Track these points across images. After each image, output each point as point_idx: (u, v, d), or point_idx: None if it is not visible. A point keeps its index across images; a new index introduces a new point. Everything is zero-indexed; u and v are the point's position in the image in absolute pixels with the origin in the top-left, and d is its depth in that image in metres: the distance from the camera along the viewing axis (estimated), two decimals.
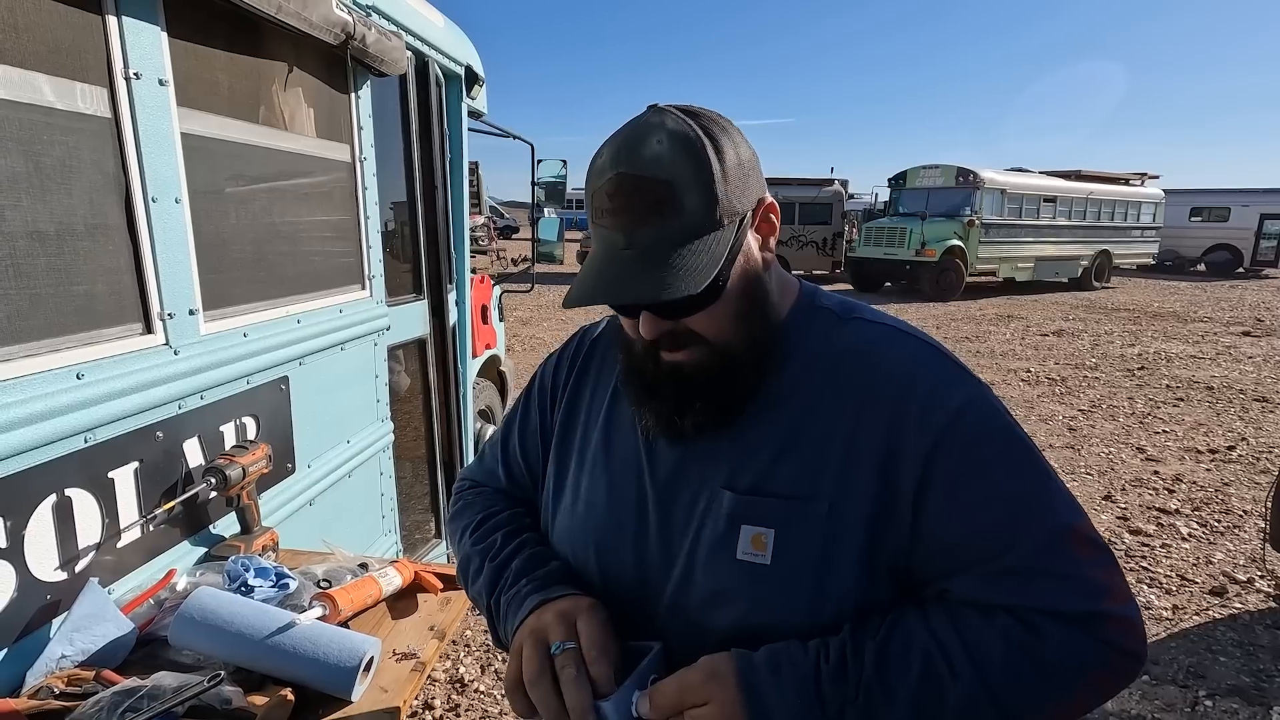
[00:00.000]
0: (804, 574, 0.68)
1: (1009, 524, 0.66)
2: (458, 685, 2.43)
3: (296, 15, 1.51)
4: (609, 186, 0.66)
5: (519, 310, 10.41)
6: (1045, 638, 0.64)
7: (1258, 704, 2.35)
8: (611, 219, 0.66)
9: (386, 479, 2.22)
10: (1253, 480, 4.33)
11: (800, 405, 0.72)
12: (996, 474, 0.67)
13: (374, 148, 2.05)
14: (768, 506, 0.70)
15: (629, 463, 0.79)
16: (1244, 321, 10.61)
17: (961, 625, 0.65)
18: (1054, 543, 0.65)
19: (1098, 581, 0.65)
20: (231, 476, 1.36)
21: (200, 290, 1.40)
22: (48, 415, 1.06)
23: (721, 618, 0.70)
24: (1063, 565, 0.65)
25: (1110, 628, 0.64)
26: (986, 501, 0.66)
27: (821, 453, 0.69)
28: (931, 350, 0.73)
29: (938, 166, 13.56)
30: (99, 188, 1.20)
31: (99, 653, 1.07)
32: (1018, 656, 0.63)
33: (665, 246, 0.65)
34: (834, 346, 0.74)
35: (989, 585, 0.66)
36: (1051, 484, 0.68)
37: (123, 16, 1.20)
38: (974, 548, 0.66)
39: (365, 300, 2.04)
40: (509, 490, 0.94)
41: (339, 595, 1.20)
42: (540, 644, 0.69)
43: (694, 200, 0.65)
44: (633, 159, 0.65)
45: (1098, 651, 0.64)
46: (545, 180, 3.97)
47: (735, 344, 0.71)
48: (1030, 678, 0.63)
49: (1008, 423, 0.70)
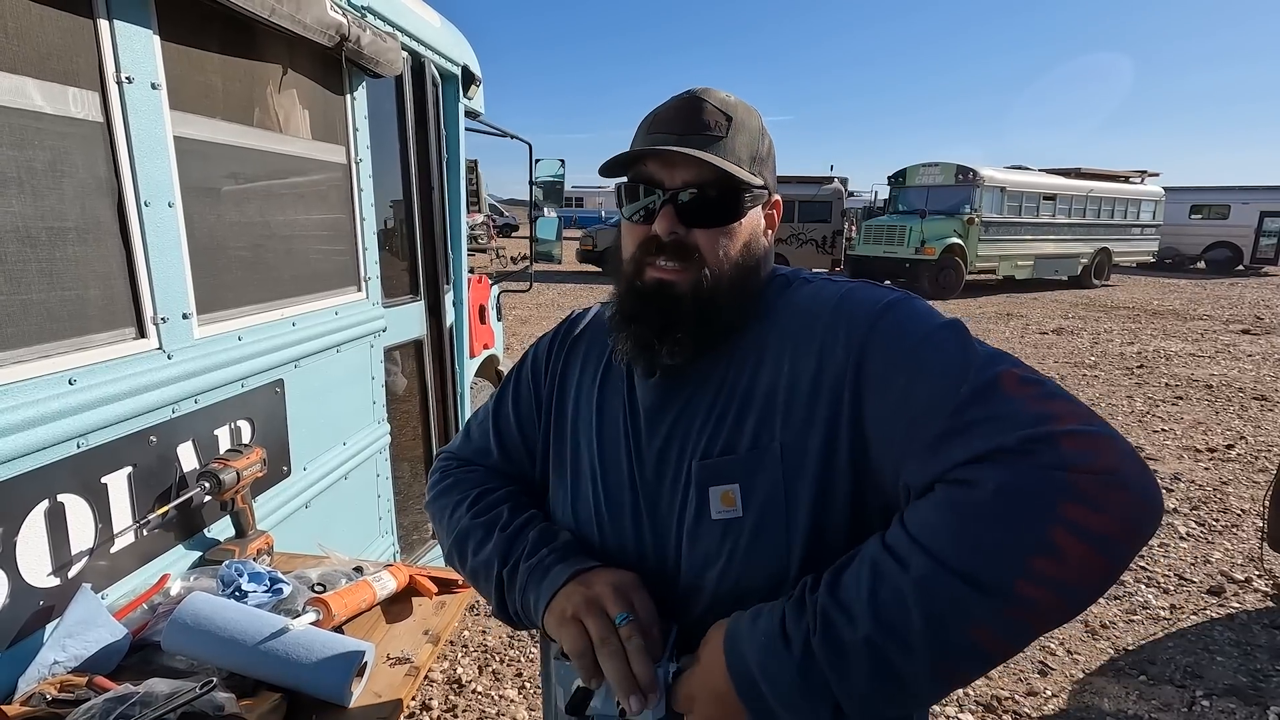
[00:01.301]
0: (774, 515, 0.71)
1: (937, 395, 0.62)
2: (455, 686, 2.44)
3: (290, 17, 1.50)
4: (678, 102, 0.76)
5: (518, 309, 10.41)
6: (981, 485, 0.56)
7: (1255, 704, 2.35)
8: (669, 124, 0.75)
9: (383, 481, 2.22)
10: (1251, 479, 4.33)
11: (754, 365, 0.76)
12: (921, 356, 0.66)
13: (370, 149, 2.05)
14: (730, 464, 0.73)
15: (617, 445, 0.82)
16: (1243, 319, 10.61)
17: (905, 518, 0.61)
18: (981, 393, 0.61)
19: (1038, 411, 0.58)
20: (226, 480, 1.35)
21: (194, 294, 1.39)
22: (40, 421, 1.06)
23: (711, 577, 0.74)
24: (994, 408, 0.60)
25: (1063, 447, 0.55)
26: (913, 383, 0.65)
27: (771, 401, 0.73)
28: (858, 282, 0.77)
29: (937, 164, 13.55)
30: (91, 192, 1.19)
31: (92, 658, 1.07)
32: (960, 516, 0.57)
33: (709, 151, 0.73)
34: (783, 308, 0.78)
35: (929, 461, 0.61)
36: (973, 347, 0.66)
37: (114, 20, 1.20)
38: (913, 432, 0.63)
39: (361, 302, 2.04)
40: (502, 467, 0.93)
41: (333, 600, 1.20)
42: (602, 614, 0.71)
43: (744, 140, 0.76)
44: (707, 93, 0.76)
45: (1051, 479, 0.55)
46: (543, 179, 3.97)
47: (724, 276, 0.75)
48: (981, 532, 0.55)
49: (927, 309, 0.72)
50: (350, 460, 1.99)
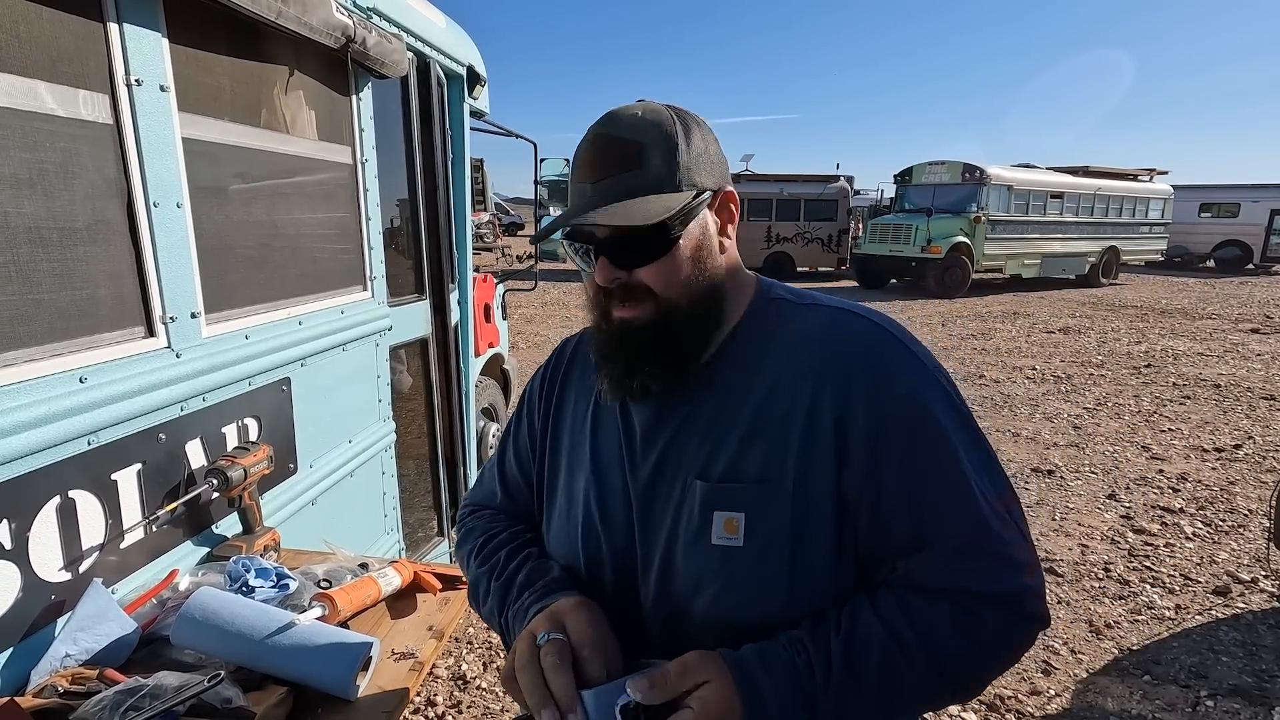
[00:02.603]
0: (776, 551, 0.72)
1: (947, 509, 0.72)
2: (460, 682, 2.45)
3: (297, 20, 1.52)
4: (587, 144, 0.76)
5: (523, 308, 10.43)
6: (982, 620, 0.71)
7: (1260, 704, 2.34)
8: (586, 171, 0.75)
9: (389, 478, 2.24)
10: (1258, 479, 4.30)
11: (763, 390, 0.76)
12: (935, 461, 0.72)
13: (375, 149, 2.06)
14: (737, 491, 0.74)
15: (612, 462, 0.82)
16: (1253, 318, 10.54)
17: (913, 616, 0.71)
18: (984, 525, 0.72)
19: (1021, 560, 0.73)
20: (233, 478, 1.37)
21: (202, 293, 1.41)
22: (52, 419, 1.08)
23: (700, 602, 0.74)
24: (994, 545, 0.72)
25: (1029, 602, 0.72)
26: (925, 487, 0.72)
27: (785, 434, 0.73)
28: (880, 331, 0.77)
29: (944, 163, 13.50)
30: (101, 193, 1.21)
31: (102, 652, 1.09)
32: (962, 641, 0.70)
33: (625, 192, 0.72)
34: (792, 332, 0.78)
35: (935, 570, 0.71)
36: (987, 467, 0.75)
37: (124, 24, 1.21)
38: (918, 530, 0.72)
39: (367, 301, 2.06)
40: (506, 508, 0.97)
41: (338, 595, 1.22)
42: (529, 637, 0.73)
43: (658, 160, 0.73)
44: (612, 123, 0.75)
45: (1024, 627, 0.73)
46: (548, 178, 3.98)
47: (680, 304, 0.76)
48: (973, 655, 0.71)
49: (950, 404, 0.74)
50: (356, 458, 2.01)
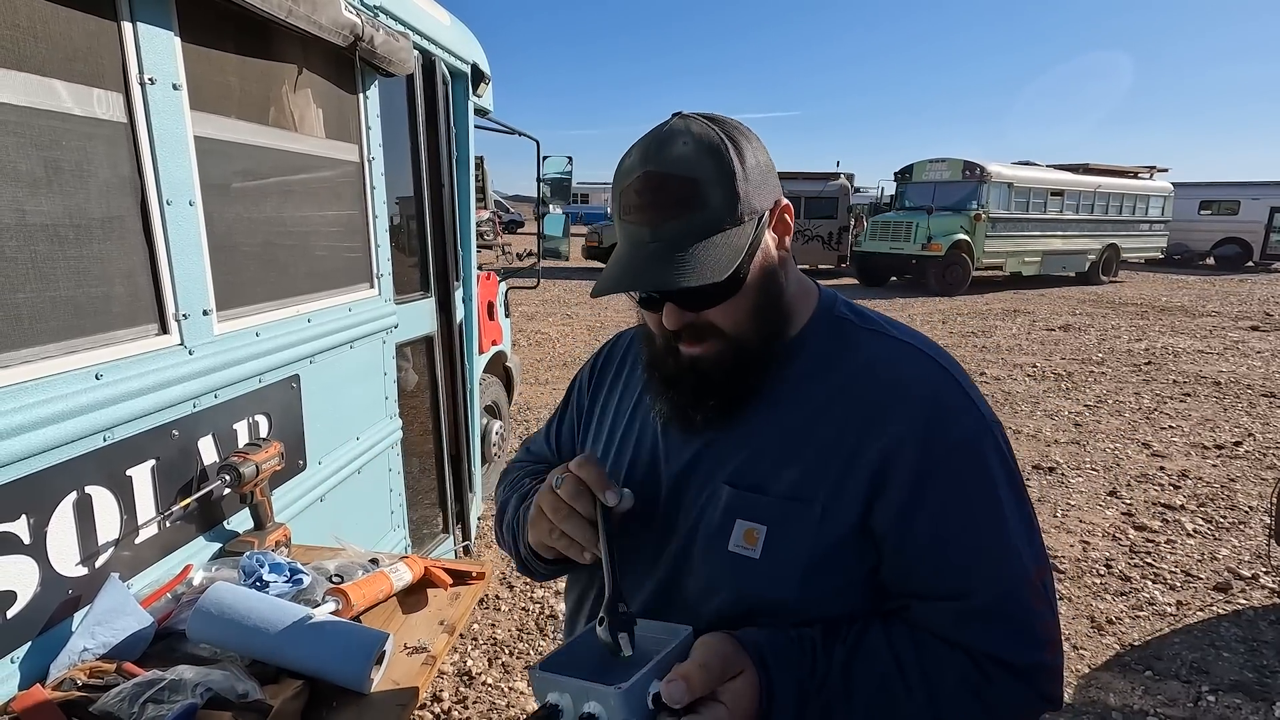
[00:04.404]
0: (790, 570, 0.71)
1: (980, 567, 0.70)
2: (465, 678, 2.47)
3: (306, 18, 1.53)
4: (637, 184, 0.70)
5: (524, 306, 10.43)
6: (993, 682, 0.69)
7: (1261, 700, 2.36)
8: (639, 214, 0.70)
9: (395, 475, 2.25)
10: (1259, 476, 4.32)
11: (812, 411, 0.74)
12: (978, 515, 0.71)
13: (382, 147, 2.07)
14: (764, 504, 0.73)
15: (649, 452, 0.83)
16: (1253, 316, 10.55)
17: (923, 651, 0.70)
18: (1015, 591, 0.70)
19: (1045, 635, 0.71)
20: (245, 474, 1.38)
21: (214, 291, 1.42)
22: (68, 415, 1.09)
23: (711, 605, 0.75)
24: (1020, 614, 0.70)
25: (1043, 679, 0.70)
26: (962, 540, 0.70)
27: (825, 460, 0.72)
28: (944, 374, 0.75)
29: (944, 160, 13.49)
30: (115, 191, 1.22)
31: (119, 646, 1.10)
32: (967, 693, 0.69)
33: (689, 239, 0.68)
34: (853, 360, 0.76)
35: (953, 623, 0.70)
36: (1029, 532, 0.72)
37: (138, 23, 1.22)
38: (944, 580, 0.71)
39: (374, 299, 2.07)
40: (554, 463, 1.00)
41: (351, 590, 1.23)
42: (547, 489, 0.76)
43: (717, 197, 0.69)
44: (661, 158, 0.69)
45: (1031, 700, 0.71)
46: (551, 176, 3.99)
47: (751, 338, 0.74)
48: (973, 712, 0.69)
49: (1003, 460, 0.73)
50: (363, 455, 2.02)
